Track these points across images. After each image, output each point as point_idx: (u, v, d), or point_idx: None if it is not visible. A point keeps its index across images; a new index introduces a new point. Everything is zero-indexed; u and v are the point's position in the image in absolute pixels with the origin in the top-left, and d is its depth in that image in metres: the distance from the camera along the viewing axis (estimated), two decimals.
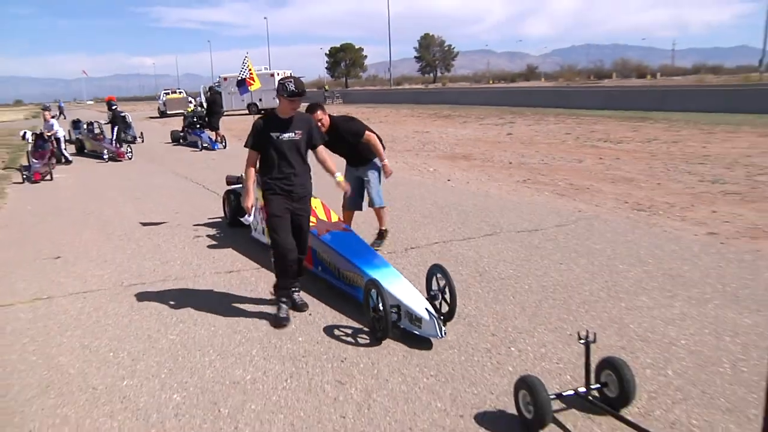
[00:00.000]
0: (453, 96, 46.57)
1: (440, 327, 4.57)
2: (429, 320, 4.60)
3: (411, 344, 4.68)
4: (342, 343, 4.79)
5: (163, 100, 46.24)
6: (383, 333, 4.72)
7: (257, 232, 7.84)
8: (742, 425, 3.50)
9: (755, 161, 12.88)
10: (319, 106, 6.81)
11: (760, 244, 7.05)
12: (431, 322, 4.58)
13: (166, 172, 15.50)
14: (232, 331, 5.12)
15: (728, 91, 29.03)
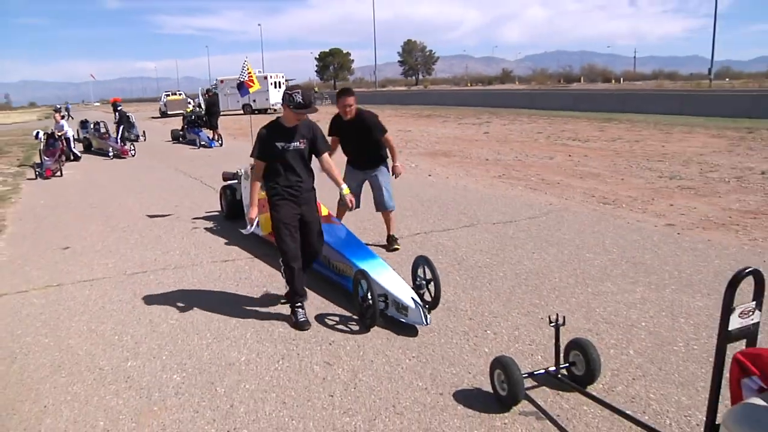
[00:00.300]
0: (434, 97, 46.50)
1: (425, 315, 4.53)
2: (415, 308, 4.55)
3: (394, 329, 4.68)
4: (330, 328, 4.78)
5: (164, 101, 45.92)
6: (371, 320, 4.67)
7: (251, 225, 7.69)
8: (692, 397, 3.55)
9: (707, 159, 12.98)
10: (350, 92, 6.41)
11: (711, 234, 7.11)
12: (417, 310, 4.54)
13: (166, 168, 15.37)
14: (227, 316, 5.09)
15: (683, 95, 29.24)
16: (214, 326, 4.89)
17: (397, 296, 4.69)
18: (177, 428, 3.43)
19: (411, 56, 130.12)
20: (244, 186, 8.02)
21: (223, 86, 41.63)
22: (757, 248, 6.47)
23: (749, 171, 11.31)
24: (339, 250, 5.55)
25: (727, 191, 9.60)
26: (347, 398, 3.68)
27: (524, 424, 3.33)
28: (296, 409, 3.57)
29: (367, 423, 3.40)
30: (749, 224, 7.50)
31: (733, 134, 17.26)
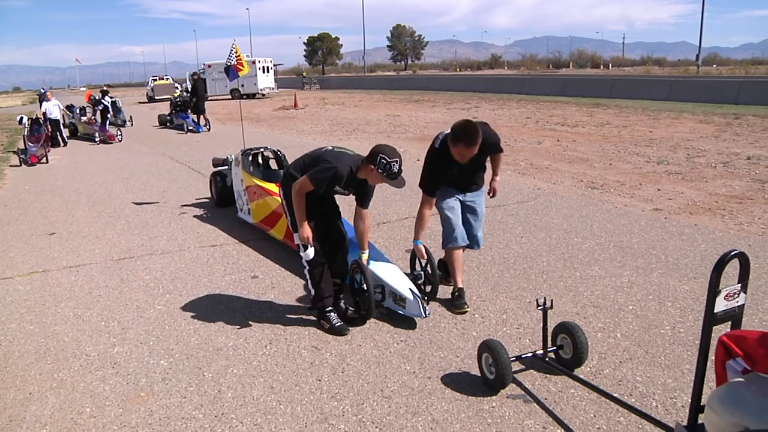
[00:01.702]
0: (422, 82, 46.33)
1: (423, 307, 4.40)
2: (413, 300, 4.43)
3: (382, 313, 4.67)
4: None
5: (152, 86, 45.53)
6: (367, 312, 4.51)
7: (242, 212, 7.65)
8: (678, 379, 3.57)
9: (694, 144, 13.02)
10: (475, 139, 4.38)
11: (698, 218, 7.14)
12: (415, 302, 4.42)
13: (153, 153, 15.24)
14: (215, 302, 5.07)
15: (671, 81, 29.25)
16: (201, 311, 4.87)
17: (395, 287, 4.56)
18: (164, 414, 3.41)
19: (400, 41, 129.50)
20: (235, 173, 7.89)
21: (210, 71, 41.31)
22: (743, 232, 6.51)
23: (735, 156, 11.36)
24: None
25: (713, 176, 9.64)
26: (335, 382, 3.68)
27: (512, 407, 3.34)
28: (284, 394, 3.57)
29: (355, 407, 3.40)
30: (735, 209, 7.55)
31: (720, 120, 17.33)
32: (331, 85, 55.89)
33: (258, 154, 8.17)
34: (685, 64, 69.67)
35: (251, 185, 7.22)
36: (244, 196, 7.44)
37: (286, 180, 4.50)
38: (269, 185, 6.98)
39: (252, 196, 7.18)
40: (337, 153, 4.34)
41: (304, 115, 25.29)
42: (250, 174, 7.43)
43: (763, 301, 4.64)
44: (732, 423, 1.88)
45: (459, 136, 4.41)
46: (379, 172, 4.14)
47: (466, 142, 4.38)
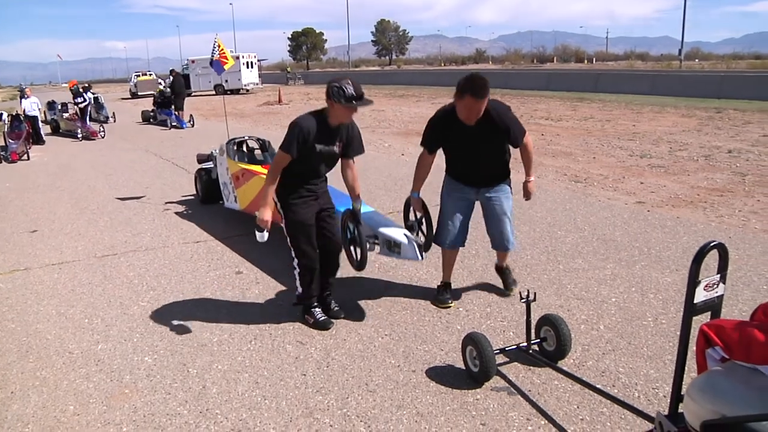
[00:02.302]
0: (407, 77, 46.33)
1: (419, 251, 4.31)
2: (408, 244, 4.36)
3: (366, 308, 4.68)
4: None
5: (135, 82, 45.09)
6: (361, 262, 4.37)
7: (229, 202, 7.56)
8: (660, 370, 3.61)
9: (677, 138, 13.13)
10: (484, 91, 4.06)
11: (680, 211, 7.21)
12: (410, 245, 4.35)
13: (137, 150, 15.13)
14: (199, 297, 5.05)
15: (654, 76, 29.52)
16: (185, 308, 4.85)
17: (388, 234, 4.50)
18: (149, 410, 3.40)
19: (384, 36, 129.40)
20: (220, 162, 7.77)
21: (194, 66, 41.02)
22: (723, 225, 6.59)
23: (717, 150, 11.48)
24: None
25: (695, 169, 9.74)
26: (320, 377, 3.68)
27: (496, 400, 3.36)
28: (269, 389, 3.57)
29: (340, 401, 3.41)
30: (716, 201, 7.63)
31: (702, 114, 17.48)
32: (315, 80, 55.65)
33: (243, 143, 8.08)
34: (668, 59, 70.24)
35: (237, 171, 7.13)
36: (230, 184, 7.33)
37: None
38: (255, 167, 6.96)
39: (238, 183, 7.08)
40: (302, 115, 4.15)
41: (288, 110, 25.19)
42: (236, 161, 7.37)
43: (743, 291, 4.70)
44: (710, 411, 1.90)
45: (465, 86, 4.03)
46: (337, 101, 3.93)
47: (473, 93, 4.00)
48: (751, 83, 23.38)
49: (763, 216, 6.89)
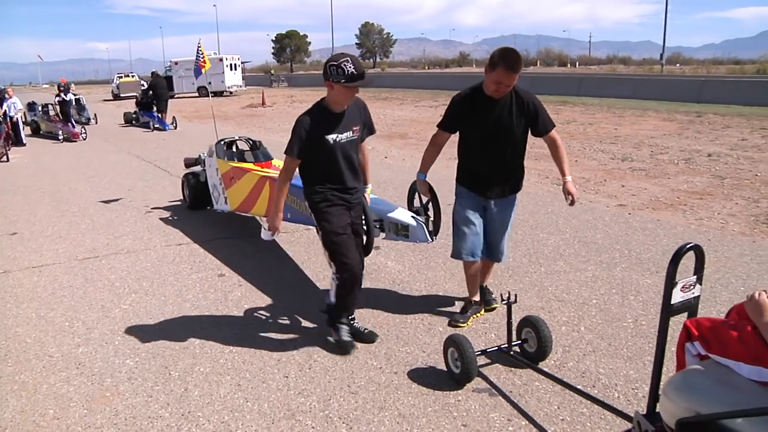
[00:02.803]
0: (391, 80, 46.35)
1: (428, 232, 4.17)
2: (416, 225, 4.21)
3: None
4: (284, 309, 4.77)
5: (117, 83, 44.80)
6: (367, 248, 4.19)
7: (219, 204, 7.39)
8: (639, 371, 3.65)
9: (658, 142, 13.27)
10: (516, 64, 3.82)
11: (660, 214, 7.30)
12: (419, 227, 4.19)
13: (119, 152, 15.02)
14: (181, 300, 5.03)
15: (636, 80, 29.80)
16: (167, 310, 4.83)
17: (395, 217, 4.34)
18: (130, 413, 3.38)
19: (368, 39, 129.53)
20: (209, 164, 7.53)
21: (177, 68, 40.82)
22: (703, 227, 6.68)
23: (697, 153, 11.62)
24: None
25: (676, 173, 9.85)
26: (302, 379, 3.69)
27: (477, 401, 3.38)
28: (251, 391, 3.56)
29: (322, 403, 3.41)
30: (696, 204, 7.73)
31: (682, 118, 17.68)
32: (299, 82, 55.65)
33: (233, 143, 7.70)
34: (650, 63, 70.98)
35: (227, 170, 6.93)
36: (220, 186, 7.17)
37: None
38: (246, 164, 6.77)
39: (229, 182, 6.90)
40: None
41: (271, 112, 25.16)
42: (227, 160, 7.07)
43: (721, 293, 4.77)
44: (684, 408, 1.94)
45: (498, 58, 3.78)
46: (336, 82, 3.60)
47: (506, 64, 3.74)
48: (730, 88, 23.66)
49: (741, 219, 7.00)
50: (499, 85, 3.83)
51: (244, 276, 5.56)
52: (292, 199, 5.26)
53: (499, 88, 3.86)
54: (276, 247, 6.37)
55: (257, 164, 6.74)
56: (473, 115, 4.06)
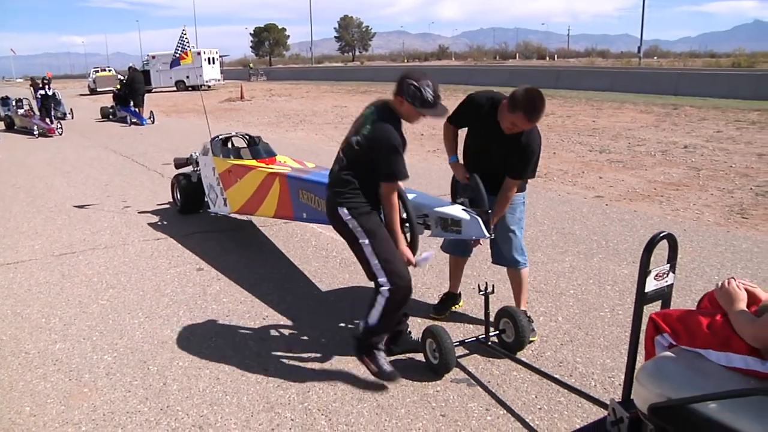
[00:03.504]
0: (370, 73, 46.32)
1: (484, 224, 3.60)
2: (470, 219, 3.62)
3: (328, 302, 4.71)
4: (263, 303, 4.77)
5: (93, 77, 44.25)
6: (412, 244, 3.71)
7: (216, 206, 6.85)
8: (616, 359, 3.70)
9: (635, 134, 13.41)
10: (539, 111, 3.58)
11: (637, 205, 7.39)
12: (473, 221, 3.61)
13: (96, 147, 14.84)
14: (160, 294, 5.00)
15: (614, 72, 30.03)
16: (146, 305, 4.80)
17: (444, 211, 3.77)
18: (108, 408, 3.36)
19: (347, 32, 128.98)
20: (204, 163, 6.99)
21: (154, 62, 40.43)
22: (679, 218, 6.77)
23: (673, 145, 11.76)
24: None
25: (652, 164, 9.97)
26: (281, 372, 3.69)
27: (455, 391, 3.41)
28: (230, 385, 3.56)
29: (301, 395, 3.42)
30: (672, 195, 7.83)
31: (659, 110, 17.86)
32: (278, 76, 55.33)
33: (228, 140, 7.13)
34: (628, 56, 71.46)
35: (226, 169, 6.39)
36: (218, 186, 6.64)
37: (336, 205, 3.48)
38: (248, 161, 6.17)
39: (228, 182, 6.38)
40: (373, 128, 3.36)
41: (250, 106, 25.00)
42: (224, 158, 6.47)
43: (696, 282, 4.84)
44: (656, 394, 1.98)
45: (522, 103, 3.50)
46: (410, 102, 3.29)
47: (527, 114, 3.52)
48: (706, 81, 23.94)
49: (716, 209, 7.10)
50: (514, 126, 3.62)
51: (223, 270, 5.54)
52: (309, 197, 4.93)
53: (512, 128, 3.64)
54: (254, 241, 6.36)
55: (260, 161, 6.16)
56: (477, 121, 3.90)
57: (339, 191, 3.45)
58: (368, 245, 3.36)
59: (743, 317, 2.03)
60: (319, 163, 6.16)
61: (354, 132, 3.48)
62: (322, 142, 13.84)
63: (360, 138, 3.39)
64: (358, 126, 3.48)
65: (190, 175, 7.65)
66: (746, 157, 10.37)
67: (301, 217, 5.24)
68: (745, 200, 7.50)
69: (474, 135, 4.01)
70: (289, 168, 5.67)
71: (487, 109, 3.79)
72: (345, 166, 3.46)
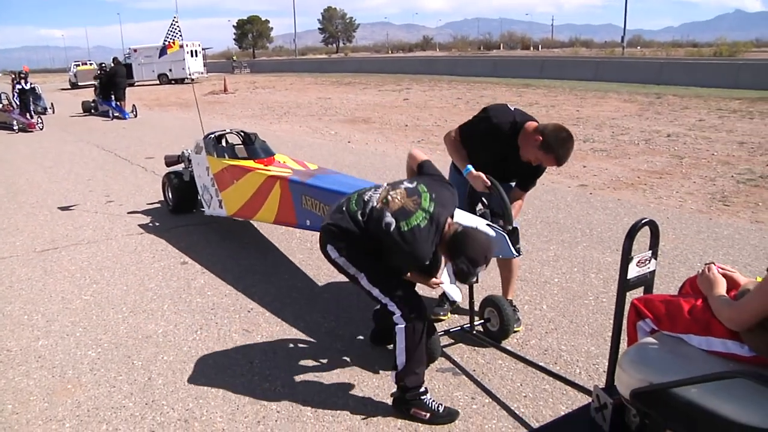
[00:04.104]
0: (354, 65, 46.19)
1: (511, 242, 3.39)
2: (497, 236, 3.31)
3: (312, 294, 4.72)
4: (248, 296, 4.76)
5: (74, 71, 43.73)
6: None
7: (212, 208, 6.48)
8: (600, 346, 3.73)
9: (619, 123, 13.49)
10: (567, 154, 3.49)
11: (621, 193, 7.44)
12: (500, 238, 3.34)
13: (77, 142, 14.68)
14: (144, 289, 4.97)
15: (598, 62, 30.14)
16: (130, 300, 4.77)
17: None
18: (92, 404, 3.34)
19: (331, 24, 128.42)
20: (198, 162, 6.65)
21: (136, 55, 40.04)
22: (662, 205, 6.83)
23: (656, 134, 11.84)
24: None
25: (636, 153, 10.03)
26: (267, 364, 3.69)
27: (441, 380, 3.43)
28: (215, 378, 3.55)
29: (287, 387, 3.42)
30: (655, 183, 7.89)
31: (643, 99, 17.97)
32: (261, 68, 55.02)
33: (222, 137, 6.63)
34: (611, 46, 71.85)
35: (221, 170, 6.04)
36: (212, 187, 6.28)
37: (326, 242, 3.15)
38: (246, 162, 5.78)
39: (223, 184, 6.02)
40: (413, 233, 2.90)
41: (234, 99, 24.85)
42: (218, 157, 6.11)
43: (679, 269, 4.88)
44: (638, 379, 1.99)
45: (555, 147, 3.42)
46: (452, 262, 2.94)
47: (557, 158, 3.47)
48: (689, 70, 24.12)
49: (699, 197, 7.17)
50: (537, 161, 3.56)
51: (207, 263, 5.52)
52: (313, 204, 4.64)
53: (535, 161, 3.58)
54: (239, 234, 6.34)
55: (258, 161, 5.77)
56: (494, 142, 3.73)
57: (334, 232, 3.08)
58: (364, 277, 3.07)
59: (722, 302, 2.06)
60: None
61: (399, 209, 2.95)
62: (306, 134, 13.79)
63: (395, 227, 2.90)
64: (406, 208, 2.95)
65: (182, 173, 7.31)
66: (728, 145, 10.47)
67: (305, 225, 4.87)
68: (727, 188, 7.57)
69: (485, 150, 3.79)
70: (290, 170, 5.33)
71: (508, 133, 3.66)
72: (356, 220, 3.03)
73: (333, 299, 4.58)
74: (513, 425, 3.02)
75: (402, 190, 3.03)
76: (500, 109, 3.80)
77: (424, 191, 3.01)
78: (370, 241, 2.99)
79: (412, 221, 2.89)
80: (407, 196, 2.99)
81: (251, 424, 3.10)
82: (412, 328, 2.96)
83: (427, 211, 2.92)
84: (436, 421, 3.02)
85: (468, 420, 3.07)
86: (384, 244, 2.95)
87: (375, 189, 3.15)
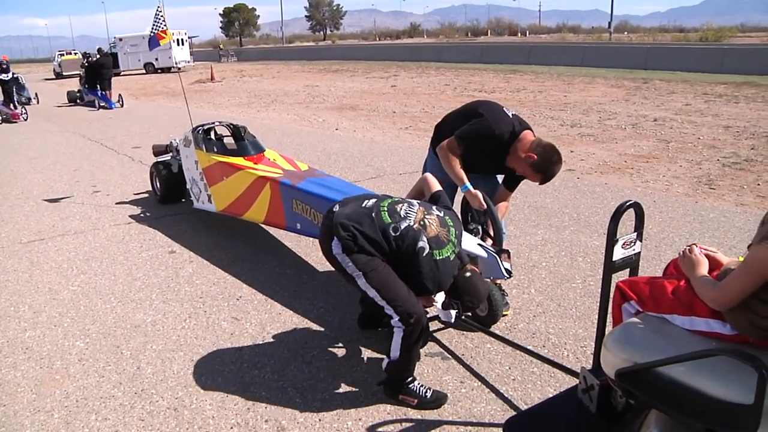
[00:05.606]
0: (341, 52, 46.02)
1: (504, 264, 3.38)
2: (488, 257, 3.35)
3: (301, 281, 4.71)
4: (236, 284, 4.75)
5: (59, 61, 43.24)
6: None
7: (200, 201, 6.39)
8: (588, 329, 3.76)
9: (606, 108, 13.53)
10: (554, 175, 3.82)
11: (608, 178, 7.47)
12: (491, 259, 3.36)
13: (63, 132, 14.55)
14: (132, 278, 4.95)
15: (585, 48, 30.19)
16: (118, 289, 4.75)
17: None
18: (81, 395, 3.33)
19: (318, 11, 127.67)
20: (186, 155, 6.55)
21: (122, 44, 39.68)
22: (649, 189, 6.87)
23: (643, 118, 11.89)
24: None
25: (623, 137, 10.07)
26: (256, 351, 3.69)
27: (430, 365, 3.44)
28: (204, 366, 3.55)
29: (276, 374, 3.42)
30: (642, 167, 7.93)
31: (630, 84, 18.04)
32: (249, 57, 54.66)
33: (211, 130, 6.52)
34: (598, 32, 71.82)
35: (210, 165, 5.92)
36: (201, 181, 6.17)
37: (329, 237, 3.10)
38: (236, 159, 5.71)
39: (212, 179, 5.91)
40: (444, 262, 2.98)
41: (221, 88, 24.70)
42: (207, 152, 6.00)
43: (666, 252, 4.91)
44: (623, 359, 2.01)
45: (547, 168, 3.68)
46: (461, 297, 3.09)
47: (545, 179, 3.77)
48: (675, 55, 24.23)
49: (685, 180, 7.21)
50: (524, 174, 3.80)
51: (195, 252, 5.50)
52: (304, 209, 4.61)
53: (521, 173, 3.82)
54: (226, 223, 6.31)
55: (248, 158, 5.70)
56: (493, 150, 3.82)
57: (353, 234, 2.97)
58: (361, 277, 2.98)
59: (704, 282, 2.07)
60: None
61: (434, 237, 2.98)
62: (293, 122, 13.75)
63: (428, 253, 2.94)
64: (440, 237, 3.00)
65: (170, 163, 7.22)
66: (713, 129, 10.53)
67: (295, 228, 4.83)
68: (713, 171, 7.62)
69: (478, 152, 3.83)
70: (281, 171, 5.25)
71: (506, 141, 3.78)
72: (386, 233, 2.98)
73: (321, 286, 4.58)
74: (502, 408, 3.04)
75: (435, 218, 3.07)
76: (499, 117, 3.86)
77: (450, 226, 3.09)
78: (391, 256, 2.99)
79: (444, 252, 2.97)
80: (440, 225, 3.05)
81: (241, 411, 3.11)
82: (410, 331, 2.99)
83: (455, 246, 3.04)
84: (424, 407, 3.09)
85: (457, 403, 3.09)
86: (410, 263, 2.97)
87: (409, 205, 3.11)
